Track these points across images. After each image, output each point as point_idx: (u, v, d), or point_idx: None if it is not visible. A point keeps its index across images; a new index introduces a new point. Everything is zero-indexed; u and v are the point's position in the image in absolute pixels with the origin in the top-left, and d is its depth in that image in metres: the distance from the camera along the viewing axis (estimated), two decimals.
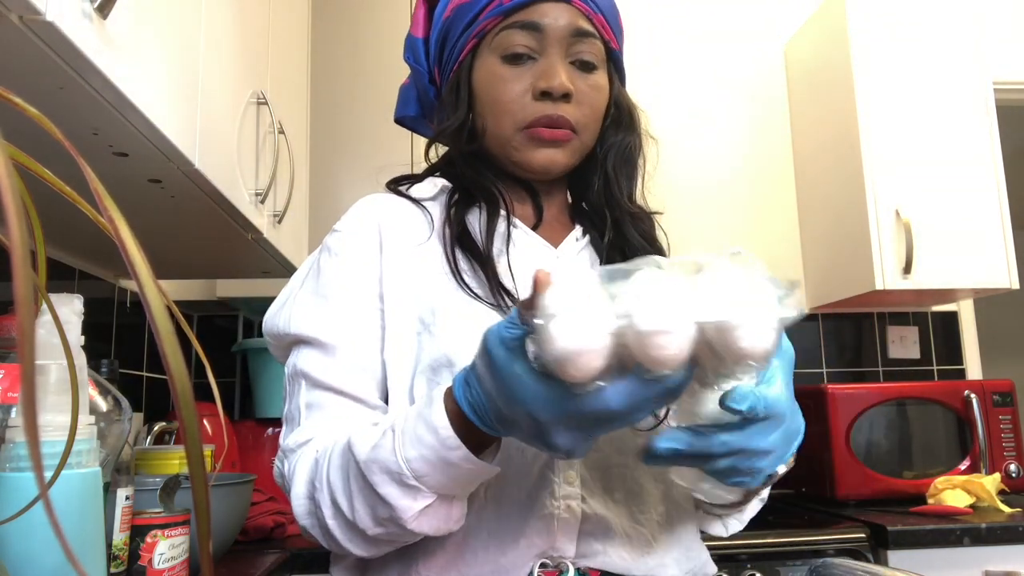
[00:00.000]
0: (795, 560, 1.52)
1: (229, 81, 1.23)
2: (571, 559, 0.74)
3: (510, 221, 0.86)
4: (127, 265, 0.35)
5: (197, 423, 0.35)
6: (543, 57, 0.84)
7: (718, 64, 2.52)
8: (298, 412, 0.79)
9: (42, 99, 0.72)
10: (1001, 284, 2.09)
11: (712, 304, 0.49)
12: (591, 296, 0.50)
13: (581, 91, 0.84)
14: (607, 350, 0.49)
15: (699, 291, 0.50)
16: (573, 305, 0.49)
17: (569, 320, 0.49)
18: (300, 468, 0.74)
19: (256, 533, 1.47)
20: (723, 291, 0.50)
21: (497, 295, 0.78)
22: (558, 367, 0.50)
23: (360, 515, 0.68)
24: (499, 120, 0.85)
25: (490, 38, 0.85)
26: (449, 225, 0.84)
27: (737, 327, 0.49)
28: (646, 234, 0.89)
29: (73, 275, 1.53)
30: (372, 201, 0.89)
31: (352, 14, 2.34)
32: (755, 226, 2.45)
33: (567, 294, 0.50)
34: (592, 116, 0.86)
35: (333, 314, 0.80)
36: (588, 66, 0.85)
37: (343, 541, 0.71)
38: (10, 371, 0.71)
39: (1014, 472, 1.85)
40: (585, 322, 0.49)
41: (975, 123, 2.14)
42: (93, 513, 0.63)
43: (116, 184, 1.05)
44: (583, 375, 0.49)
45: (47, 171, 0.43)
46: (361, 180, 2.02)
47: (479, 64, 0.87)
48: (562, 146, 0.85)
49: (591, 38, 0.85)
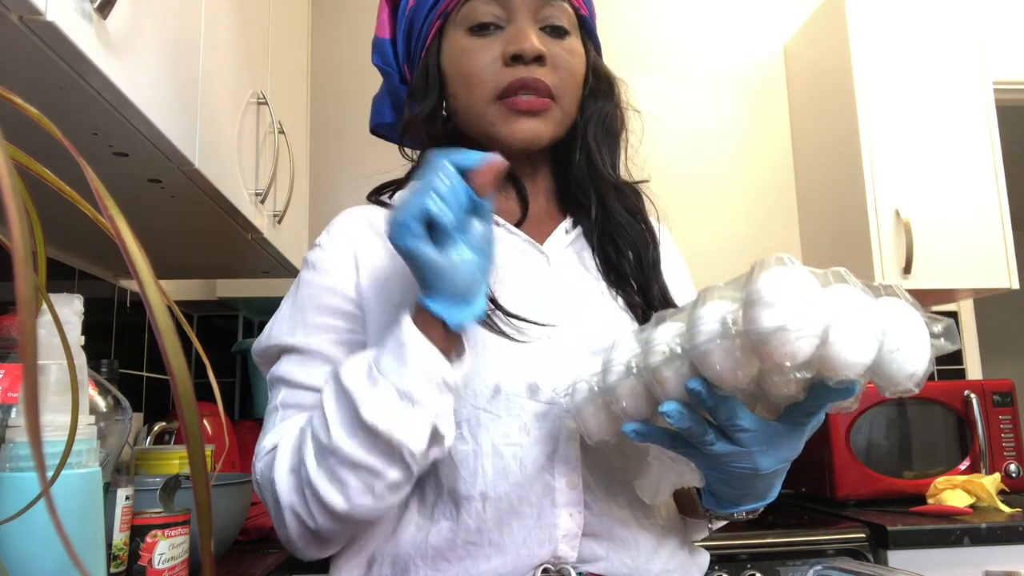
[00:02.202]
0: (795, 560, 1.52)
1: (229, 81, 1.23)
2: (572, 564, 0.73)
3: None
4: (127, 265, 0.35)
5: (198, 423, 0.35)
6: (511, 24, 0.81)
7: (718, 64, 2.52)
8: (276, 412, 0.77)
9: (42, 99, 0.72)
10: (1001, 284, 2.09)
11: (897, 327, 0.53)
12: (811, 286, 0.52)
13: (555, 55, 0.81)
14: (814, 342, 0.51)
15: (885, 314, 0.53)
16: (797, 291, 0.51)
17: (797, 305, 0.51)
18: (282, 450, 0.71)
19: (256, 533, 1.47)
20: (900, 316, 0.53)
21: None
22: (776, 350, 0.51)
23: (343, 444, 0.65)
24: (471, 93, 0.81)
25: (454, 15, 0.82)
26: None
27: (913, 348, 0.52)
28: (630, 207, 0.87)
29: (73, 275, 1.53)
30: (348, 214, 0.87)
31: (352, 14, 2.34)
32: (755, 226, 2.46)
33: (788, 281, 0.52)
34: (570, 82, 0.83)
35: (309, 322, 0.79)
36: (559, 31, 0.82)
37: (325, 495, 0.67)
38: (10, 371, 0.71)
39: (1014, 472, 1.85)
40: (809, 308, 0.51)
41: (975, 123, 2.14)
42: (93, 513, 0.63)
43: (116, 184, 1.05)
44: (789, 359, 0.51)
45: (47, 171, 0.43)
46: (361, 180, 2.02)
47: (446, 43, 0.84)
48: (541, 115, 0.81)
49: (559, 1, 0.82)
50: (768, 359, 0.52)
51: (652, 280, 0.85)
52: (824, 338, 0.51)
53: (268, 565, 1.27)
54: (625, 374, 0.61)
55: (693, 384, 0.57)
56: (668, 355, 0.58)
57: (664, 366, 0.58)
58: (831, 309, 0.51)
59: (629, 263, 0.85)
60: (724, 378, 0.55)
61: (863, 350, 0.51)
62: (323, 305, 0.80)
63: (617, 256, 0.85)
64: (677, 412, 0.58)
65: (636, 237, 0.86)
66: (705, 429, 0.60)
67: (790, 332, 0.50)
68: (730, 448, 0.61)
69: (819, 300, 0.52)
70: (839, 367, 0.52)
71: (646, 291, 0.84)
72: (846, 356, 0.51)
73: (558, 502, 0.73)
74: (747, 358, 0.53)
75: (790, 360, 0.51)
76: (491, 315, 0.75)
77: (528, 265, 0.83)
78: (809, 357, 0.51)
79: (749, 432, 0.60)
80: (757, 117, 2.51)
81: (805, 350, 0.51)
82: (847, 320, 0.51)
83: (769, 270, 0.53)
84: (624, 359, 0.62)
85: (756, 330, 0.51)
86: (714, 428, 0.60)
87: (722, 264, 2.40)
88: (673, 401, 0.58)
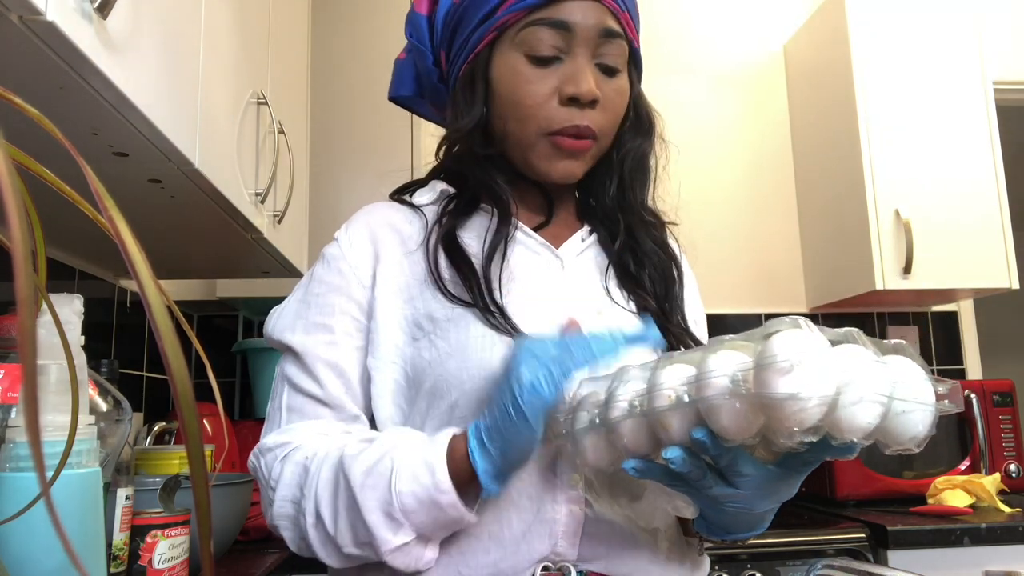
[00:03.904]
0: (795, 560, 1.52)
1: (229, 81, 1.23)
2: (573, 562, 0.73)
3: (512, 223, 0.83)
4: (127, 265, 0.35)
5: (198, 423, 0.35)
6: (570, 59, 0.79)
7: (718, 64, 2.52)
8: (278, 414, 0.80)
9: (42, 99, 0.72)
10: (1001, 284, 2.09)
11: (904, 390, 0.54)
12: (822, 351, 0.53)
13: (606, 96, 0.81)
14: (823, 409, 0.52)
15: (893, 376, 0.54)
16: (810, 357, 0.52)
17: (810, 371, 0.52)
18: (287, 471, 0.74)
19: (256, 533, 1.47)
20: (907, 378, 0.54)
21: (482, 301, 0.77)
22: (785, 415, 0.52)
23: (341, 532, 0.70)
24: (523, 124, 0.81)
25: (513, 32, 0.80)
26: (437, 231, 0.82)
27: (918, 411, 0.54)
28: (658, 240, 0.89)
29: (73, 275, 1.53)
30: (369, 210, 0.87)
31: (352, 14, 2.34)
32: (755, 226, 2.46)
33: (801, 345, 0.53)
34: (613, 121, 0.84)
35: (311, 320, 0.81)
36: (612, 71, 0.82)
37: (317, 549, 0.72)
38: (10, 371, 0.71)
39: (1014, 472, 1.85)
40: (822, 376, 0.52)
41: (975, 123, 2.14)
42: (93, 513, 0.63)
43: (116, 184, 1.05)
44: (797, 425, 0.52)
45: (47, 171, 0.43)
46: (361, 180, 2.02)
47: (499, 60, 0.82)
48: (582, 156, 0.82)
49: (618, 39, 0.81)
50: (777, 423, 0.53)
51: (671, 302, 0.86)
52: (833, 405, 0.52)
53: (268, 565, 1.27)
54: (628, 412, 0.62)
55: (699, 434, 0.57)
56: (674, 401, 0.58)
57: (670, 412, 0.59)
58: (842, 375, 0.52)
59: (651, 278, 0.86)
60: (730, 432, 0.56)
61: (869, 417, 0.53)
62: (327, 304, 0.81)
63: (637, 269, 0.86)
64: (680, 459, 0.59)
65: (662, 266, 0.87)
66: (705, 473, 0.61)
67: (802, 400, 0.51)
68: (728, 491, 0.62)
69: (831, 367, 0.52)
70: (845, 431, 0.53)
71: (664, 309, 0.85)
72: (852, 422, 0.52)
73: (559, 497, 0.74)
74: (755, 416, 0.54)
75: (798, 426, 0.52)
76: (496, 316, 0.76)
77: (541, 267, 0.84)
78: (817, 423, 0.52)
79: (748, 477, 0.61)
80: (757, 117, 2.51)
81: (814, 417, 0.52)
82: (856, 387, 0.52)
83: (784, 332, 0.54)
84: (628, 396, 0.62)
85: (768, 394, 0.52)
86: (714, 471, 0.61)
87: (722, 264, 2.41)
88: (677, 447, 0.59)
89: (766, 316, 2.41)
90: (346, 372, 0.79)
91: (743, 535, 0.72)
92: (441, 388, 0.76)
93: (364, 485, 0.68)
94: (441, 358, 0.76)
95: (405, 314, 0.79)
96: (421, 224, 0.84)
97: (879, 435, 0.54)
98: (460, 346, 0.75)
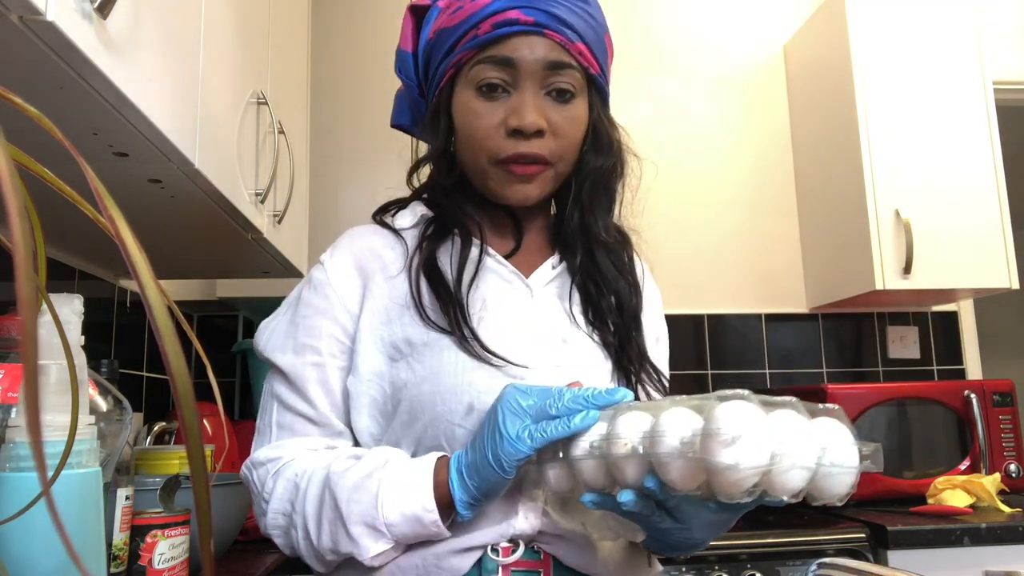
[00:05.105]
0: (795, 560, 1.52)
1: (229, 81, 1.23)
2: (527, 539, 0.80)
3: (483, 251, 0.88)
4: (127, 265, 0.35)
5: (198, 422, 0.35)
6: (516, 92, 0.84)
7: (718, 64, 2.52)
8: (268, 430, 0.87)
9: (42, 99, 0.72)
10: (1001, 284, 2.09)
11: (830, 452, 0.61)
12: (760, 425, 0.61)
13: (555, 124, 0.85)
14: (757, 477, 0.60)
15: (817, 437, 0.62)
16: (749, 430, 0.60)
17: (749, 444, 0.60)
18: (279, 487, 0.81)
19: (256, 533, 1.47)
20: (835, 443, 0.62)
21: (459, 329, 0.82)
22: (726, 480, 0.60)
23: (324, 543, 0.77)
24: (475, 154, 0.86)
25: (466, 70, 0.86)
26: (418, 257, 0.87)
27: (842, 474, 0.61)
28: (617, 263, 0.92)
29: (73, 275, 1.53)
30: (353, 235, 0.92)
31: (352, 14, 2.34)
32: (755, 226, 2.46)
33: (741, 418, 0.61)
34: (568, 146, 0.87)
35: (299, 341, 0.87)
36: (564, 95, 0.85)
37: (305, 557, 0.81)
38: (10, 371, 0.71)
39: (1014, 472, 1.85)
40: (759, 449, 0.60)
41: (975, 123, 2.14)
42: (93, 513, 0.63)
43: (116, 184, 1.05)
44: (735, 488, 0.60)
45: (47, 171, 0.43)
46: (361, 180, 2.02)
47: (456, 95, 0.88)
48: (534, 180, 0.86)
49: (567, 69, 0.85)
50: (718, 485, 0.61)
51: (631, 330, 0.90)
52: (767, 471, 0.60)
53: (268, 565, 1.27)
54: (588, 453, 0.69)
55: (650, 483, 0.65)
56: (629, 451, 0.66)
57: (625, 460, 0.67)
58: (777, 446, 0.60)
59: (609, 307, 0.91)
60: (677, 484, 0.64)
61: (798, 481, 0.61)
62: (313, 327, 0.86)
63: (598, 296, 0.90)
64: (632, 501, 0.67)
65: (620, 290, 0.92)
66: (654, 511, 0.68)
67: (740, 471, 0.59)
68: (674, 525, 0.70)
69: (766, 440, 0.60)
70: (778, 492, 0.61)
71: (624, 340, 0.89)
72: (784, 485, 0.61)
73: (519, 509, 0.80)
74: (699, 474, 0.62)
75: (736, 489, 0.60)
76: (471, 343, 0.81)
77: (512, 295, 0.88)
78: (751, 488, 0.61)
79: (693, 517, 0.69)
80: (757, 117, 2.51)
81: (750, 483, 0.60)
82: (788, 456, 0.60)
83: (728, 404, 0.62)
84: (590, 438, 0.70)
85: (711, 461, 0.60)
86: (663, 509, 0.69)
87: (722, 264, 2.41)
88: (630, 491, 0.67)
89: (766, 316, 2.41)
90: (333, 390, 0.85)
91: (686, 553, 0.83)
92: (416, 409, 0.82)
93: (350, 500, 0.76)
94: (416, 380, 0.82)
95: (383, 337, 0.85)
96: (402, 250, 0.90)
97: (808, 492, 0.63)
98: (434, 370, 0.81)
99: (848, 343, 2.45)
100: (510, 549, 0.79)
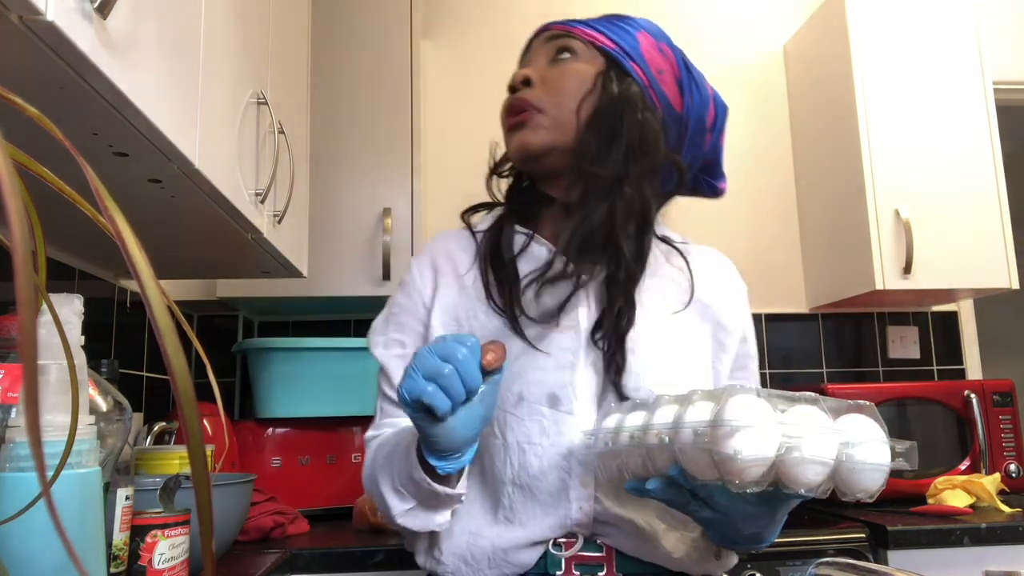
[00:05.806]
0: (795, 560, 1.52)
1: (229, 81, 1.23)
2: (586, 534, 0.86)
3: (531, 238, 0.96)
4: (127, 265, 0.35)
5: (199, 422, 0.35)
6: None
7: (718, 64, 2.52)
8: (376, 413, 0.99)
9: (42, 99, 0.72)
10: (1001, 284, 2.09)
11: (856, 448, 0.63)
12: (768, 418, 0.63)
13: (546, 76, 0.94)
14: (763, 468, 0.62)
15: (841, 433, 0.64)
16: (755, 422, 0.62)
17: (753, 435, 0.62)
18: (368, 459, 0.92)
19: (256, 533, 1.47)
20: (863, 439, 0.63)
21: (513, 313, 0.89)
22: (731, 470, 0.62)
23: (378, 505, 0.87)
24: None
25: None
26: (483, 249, 0.97)
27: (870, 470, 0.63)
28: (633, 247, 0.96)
29: (73, 275, 1.53)
30: (437, 238, 1.04)
31: (352, 14, 2.34)
32: (755, 226, 2.46)
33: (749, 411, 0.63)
34: (557, 93, 0.93)
35: (389, 335, 0.98)
36: (562, 53, 0.95)
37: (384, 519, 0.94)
38: (10, 371, 0.71)
39: (1014, 472, 1.85)
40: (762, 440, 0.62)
41: (975, 123, 2.14)
42: (93, 513, 0.63)
43: (116, 184, 1.05)
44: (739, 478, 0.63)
45: (47, 171, 0.43)
46: (361, 180, 2.02)
47: None
48: (525, 127, 0.92)
49: (566, 37, 0.95)
50: (726, 473, 0.64)
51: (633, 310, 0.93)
52: (780, 463, 0.62)
53: (268, 565, 1.27)
54: (630, 443, 0.75)
55: (673, 471, 0.69)
56: (658, 442, 0.70)
57: (656, 449, 0.71)
58: (786, 437, 0.62)
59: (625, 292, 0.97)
60: (695, 474, 0.68)
61: (813, 474, 0.62)
62: (400, 323, 0.98)
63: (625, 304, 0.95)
64: (659, 488, 0.71)
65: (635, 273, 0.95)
66: (688, 500, 0.72)
67: (741, 460, 0.62)
68: (712, 515, 0.73)
69: (771, 430, 0.62)
70: (793, 484, 0.63)
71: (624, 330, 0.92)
72: (799, 478, 0.62)
73: (571, 496, 0.86)
74: (712, 464, 0.65)
75: (739, 479, 0.63)
76: (519, 321, 0.88)
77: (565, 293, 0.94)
78: (758, 478, 0.63)
79: (725, 506, 0.71)
80: (757, 117, 2.51)
81: (755, 473, 0.62)
82: (799, 447, 0.62)
83: (733, 398, 0.64)
84: (630, 429, 0.75)
85: (715, 450, 0.63)
86: (698, 499, 0.72)
87: None
88: (657, 478, 0.71)
89: (766, 316, 2.41)
90: None
91: (747, 547, 0.85)
92: None
93: (381, 467, 0.85)
94: None
95: (451, 329, 0.94)
96: (475, 249, 0.99)
97: (836, 487, 0.64)
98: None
99: (848, 343, 2.45)
100: (572, 543, 0.85)
